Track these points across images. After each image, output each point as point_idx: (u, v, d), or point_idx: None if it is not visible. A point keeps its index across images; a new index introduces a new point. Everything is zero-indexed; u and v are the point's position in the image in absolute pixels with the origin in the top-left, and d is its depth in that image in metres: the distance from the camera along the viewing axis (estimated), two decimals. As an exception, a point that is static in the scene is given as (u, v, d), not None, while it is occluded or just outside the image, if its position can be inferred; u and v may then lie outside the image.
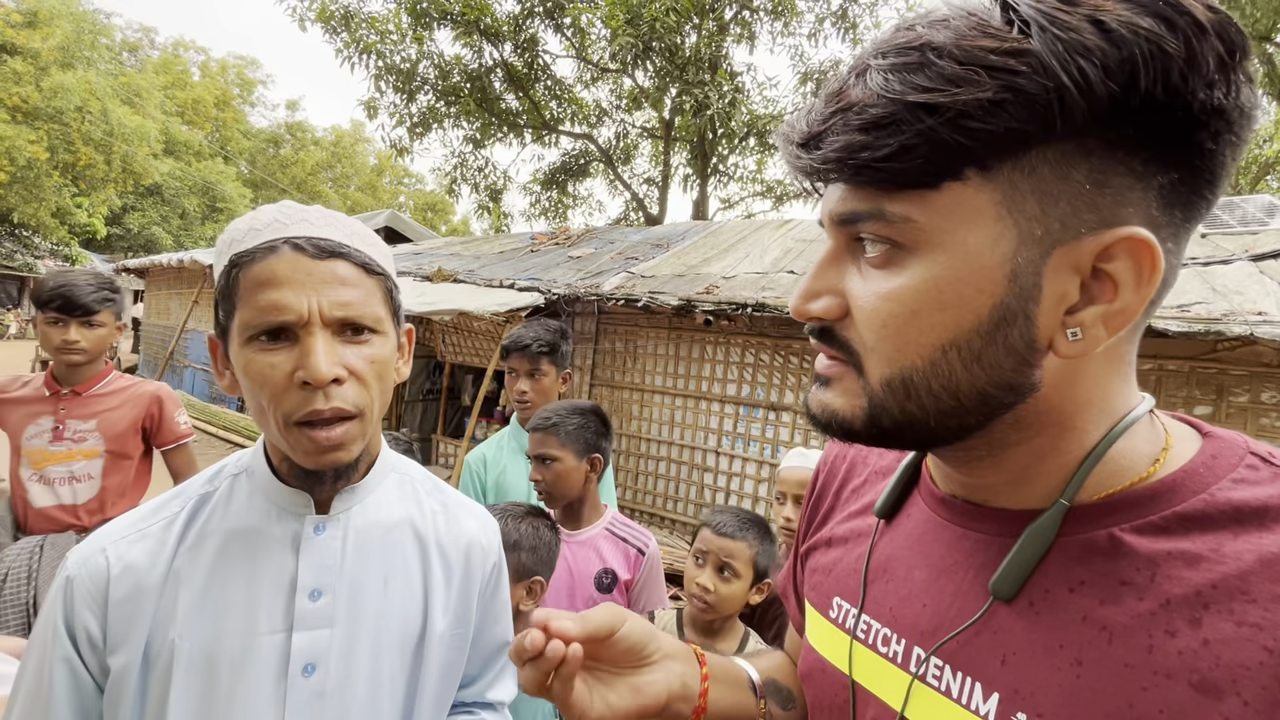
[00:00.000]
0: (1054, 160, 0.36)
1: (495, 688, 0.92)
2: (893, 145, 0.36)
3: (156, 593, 0.66)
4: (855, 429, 0.44)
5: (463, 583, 0.82)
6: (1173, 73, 0.33)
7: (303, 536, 0.71)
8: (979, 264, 0.37)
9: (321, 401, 0.64)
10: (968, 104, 0.34)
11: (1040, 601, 0.42)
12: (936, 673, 0.46)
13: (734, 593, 1.38)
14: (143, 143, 18.92)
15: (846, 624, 0.56)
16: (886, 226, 0.39)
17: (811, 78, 11.27)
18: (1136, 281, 0.36)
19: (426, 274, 6.62)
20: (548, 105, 12.12)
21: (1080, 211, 0.36)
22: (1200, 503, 0.39)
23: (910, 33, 0.38)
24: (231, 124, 30.09)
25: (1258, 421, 3.33)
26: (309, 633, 0.69)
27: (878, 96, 0.37)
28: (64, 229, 19.89)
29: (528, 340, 1.85)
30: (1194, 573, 0.37)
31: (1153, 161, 0.36)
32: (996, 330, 0.38)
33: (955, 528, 0.49)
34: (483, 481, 1.87)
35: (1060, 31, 0.33)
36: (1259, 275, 3.66)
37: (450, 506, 0.85)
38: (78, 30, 17.78)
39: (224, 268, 0.66)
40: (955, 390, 0.40)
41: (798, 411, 4.64)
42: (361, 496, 0.76)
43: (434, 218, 34.45)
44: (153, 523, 0.70)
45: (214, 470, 0.76)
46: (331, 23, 10.32)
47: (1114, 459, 0.42)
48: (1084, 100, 0.33)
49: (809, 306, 0.44)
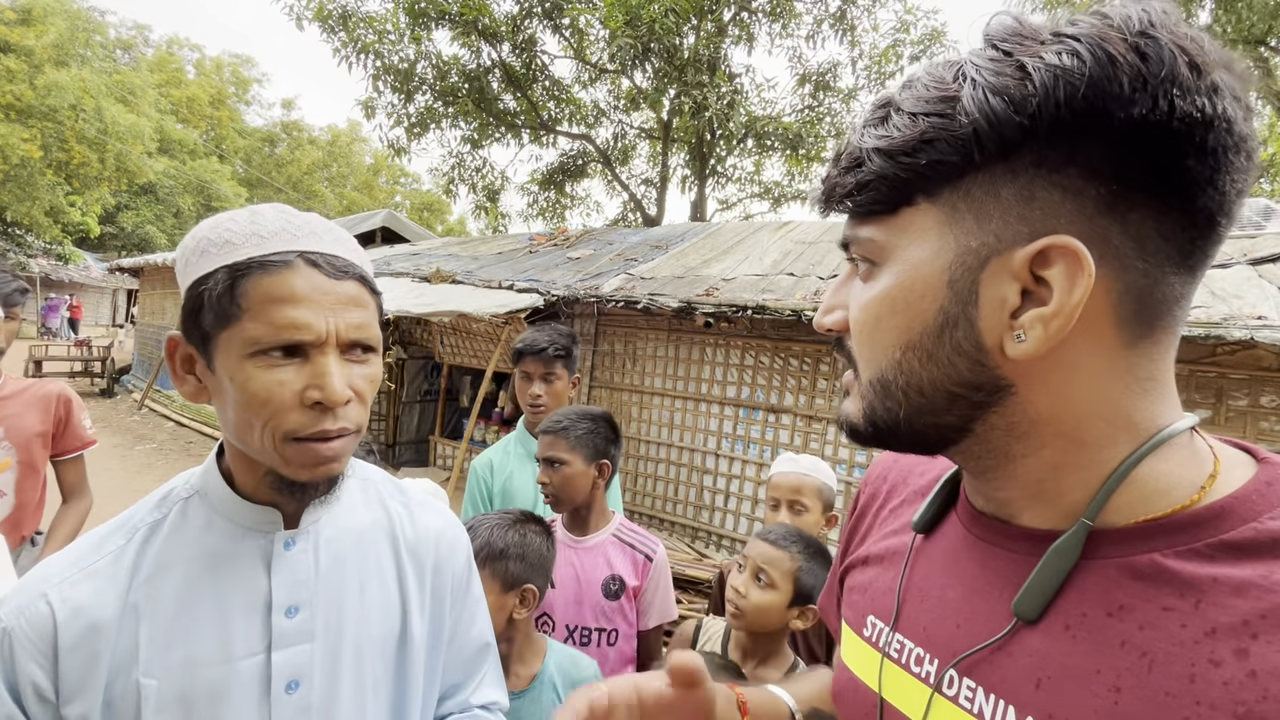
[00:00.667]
0: (985, 183, 0.41)
1: (481, 691, 0.91)
2: (854, 182, 0.45)
3: (113, 632, 0.63)
4: (860, 430, 0.50)
5: (434, 580, 0.82)
6: (1076, 98, 0.37)
7: (273, 554, 0.69)
8: (922, 274, 0.43)
9: (331, 422, 0.63)
10: (904, 143, 0.42)
11: (1077, 625, 0.42)
12: (969, 694, 0.46)
13: (767, 602, 1.30)
14: (137, 141, 18.81)
15: (880, 642, 0.56)
16: (861, 246, 0.47)
17: (810, 79, 11.29)
18: (1069, 285, 0.39)
19: (425, 275, 6.60)
20: (546, 106, 12.10)
21: (1011, 224, 0.41)
22: (1250, 530, 0.38)
23: (887, 95, 0.46)
24: (227, 123, 29.95)
25: (1257, 425, 3.34)
26: (289, 650, 0.68)
27: (852, 146, 0.46)
28: (57, 228, 19.76)
29: (544, 343, 1.83)
30: (1242, 601, 0.37)
31: (1083, 176, 0.39)
32: (942, 332, 0.43)
33: (987, 545, 0.49)
34: (489, 487, 1.86)
35: (984, 78, 0.40)
36: (1258, 279, 3.68)
37: (413, 506, 0.85)
38: (72, 28, 17.68)
39: (218, 270, 0.62)
40: (920, 387, 0.45)
41: (797, 414, 4.64)
42: (329, 506, 0.75)
43: (430, 218, 34.34)
44: (97, 559, 0.66)
45: (159, 496, 0.72)
46: (329, 22, 10.28)
47: (1148, 480, 0.42)
48: (994, 131, 0.39)
49: (824, 320, 0.52)
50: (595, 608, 1.54)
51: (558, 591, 1.54)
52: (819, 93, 11.41)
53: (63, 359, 10.90)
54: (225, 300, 0.61)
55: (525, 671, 1.29)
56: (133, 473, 6.33)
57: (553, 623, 1.54)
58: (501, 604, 1.24)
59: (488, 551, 1.26)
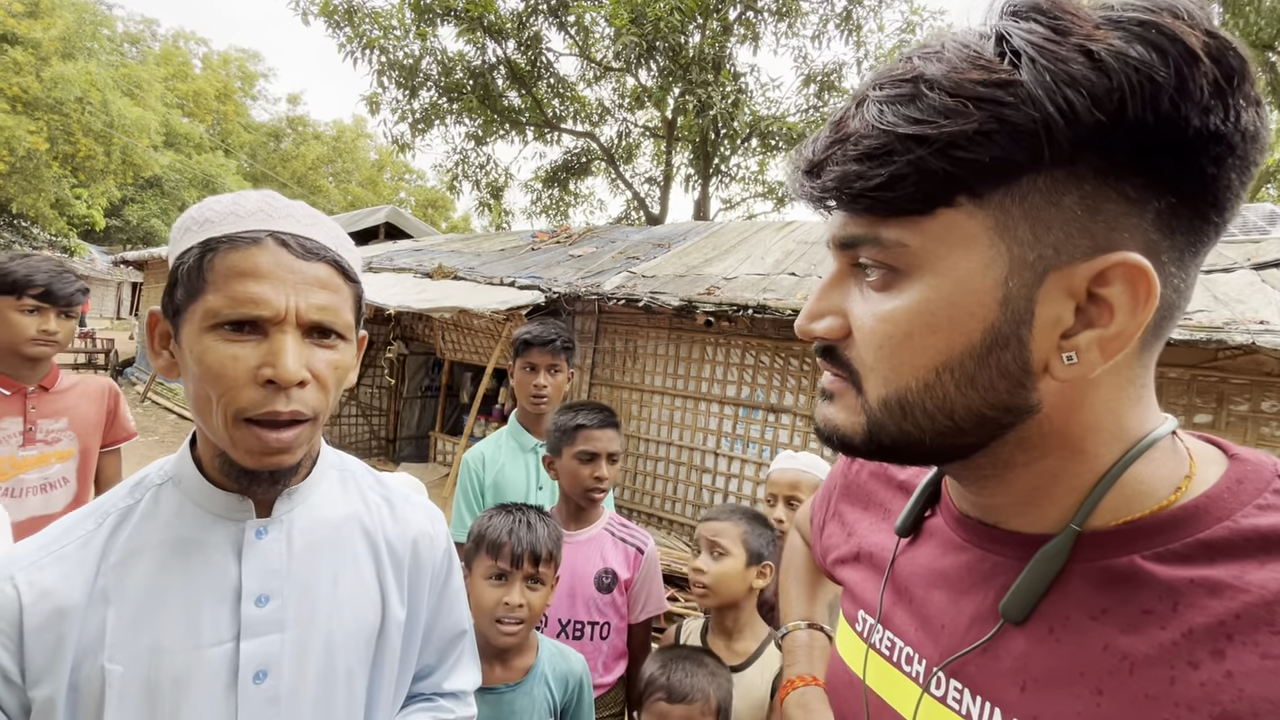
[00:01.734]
0: (1045, 187, 0.36)
1: (453, 677, 0.92)
2: (884, 175, 0.37)
3: (79, 617, 0.62)
4: (855, 444, 0.45)
5: (412, 574, 0.82)
6: (1162, 100, 0.33)
7: (244, 542, 0.69)
8: (971, 288, 0.38)
9: (283, 403, 0.62)
10: (955, 135, 0.35)
11: (1061, 629, 0.42)
12: (956, 694, 0.47)
13: (726, 570, 1.40)
14: (143, 135, 18.86)
15: (868, 636, 0.57)
16: (882, 251, 0.40)
17: (815, 79, 11.26)
18: (1132, 306, 0.36)
19: (427, 271, 6.60)
20: (550, 103, 12.10)
21: (1073, 237, 0.36)
22: (1224, 530, 0.38)
23: (906, 65, 0.39)
24: (232, 117, 30.02)
25: (1258, 430, 3.33)
26: (258, 639, 0.68)
27: (871, 128, 0.38)
28: (63, 220, 19.83)
29: (552, 335, 1.84)
30: (1217, 602, 0.37)
31: (1147, 187, 0.36)
32: (989, 353, 0.39)
33: (974, 549, 0.49)
34: (481, 480, 1.86)
35: (1049, 63, 0.34)
36: (1260, 284, 3.66)
37: (394, 500, 0.85)
38: (79, 21, 17.72)
39: (194, 247, 0.63)
40: (950, 411, 0.40)
41: (797, 413, 4.63)
42: (304, 496, 0.74)
43: (435, 214, 34.39)
44: (66, 543, 0.65)
45: (134, 481, 0.71)
46: (334, 17, 10.28)
47: (1131, 484, 0.41)
48: (1070, 130, 0.34)
49: (813, 326, 0.46)
50: (588, 601, 1.54)
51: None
52: (824, 93, 11.37)
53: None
54: (194, 273, 0.61)
55: (521, 664, 1.30)
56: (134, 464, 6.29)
57: (544, 617, 1.55)
58: (546, 599, 1.29)
59: (556, 545, 1.31)
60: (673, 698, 1.23)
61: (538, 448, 1.89)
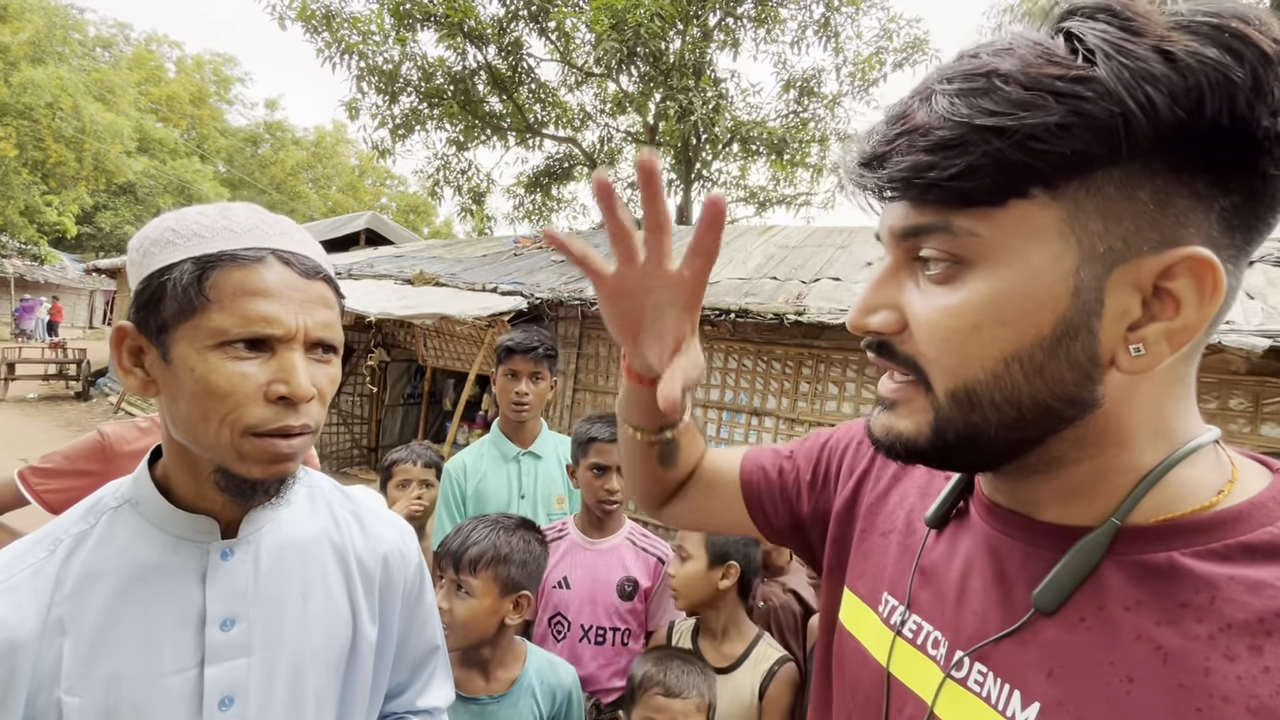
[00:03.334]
0: (1119, 181, 0.37)
1: (426, 694, 0.91)
2: (960, 165, 0.38)
3: (33, 649, 0.60)
4: (920, 447, 0.45)
5: (384, 592, 0.82)
6: (1239, 101, 0.34)
7: (209, 564, 0.67)
8: (1042, 279, 0.39)
9: (294, 418, 0.63)
10: (1034, 127, 0.36)
11: (1093, 618, 0.42)
12: (979, 677, 0.47)
13: (690, 572, 1.43)
14: (116, 140, 18.52)
15: (893, 620, 0.56)
16: (951, 240, 0.40)
17: (795, 85, 11.37)
18: (1199, 299, 0.37)
19: (408, 277, 6.55)
20: (532, 109, 12.08)
21: (1144, 230, 0.37)
22: (1267, 534, 0.39)
23: (975, 60, 0.39)
24: (208, 122, 29.59)
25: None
26: (223, 664, 0.66)
27: (944, 119, 0.38)
28: (33, 228, 19.38)
29: (534, 344, 1.84)
30: (1257, 599, 0.37)
31: (1216, 185, 0.37)
32: (1059, 344, 0.39)
33: (1006, 538, 0.49)
34: (462, 489, 1.85)
35: (1126, 59, 0.35)
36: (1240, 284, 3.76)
37: (363, 515, 0.84)
38: (49, 25, 17.39)
39: (184, 261, 0.61)
40: (1018, 402, 0.41)
41: (780, 416, 4.66)
42: (272, 515, 0.73)
43: (416, 220, 34.13)
44: (15, 572, 0.63)
45: (87, 505, 0.69)
46: (312, 22, 10.18)
47: (1174, 484, 0.42)
48: (1150, 125, 0.35)
49: (868, 320, 0.45)
50: (610, 608, 1.56)
51: (573, 592, 1.57)
52: (804, 98, 11.49)
53: (37, 361, 10.68)
54: (192, 290, 0.60)
55: (505, 675, 1.29)
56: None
57: (567, 623, 1.56)
58: (497, 608, 1.25)
59: (492, 554, 1.26)
60: (669, 693, 1.24)
61: (520, 456, 1.89)
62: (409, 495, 1.93)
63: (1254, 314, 3.35)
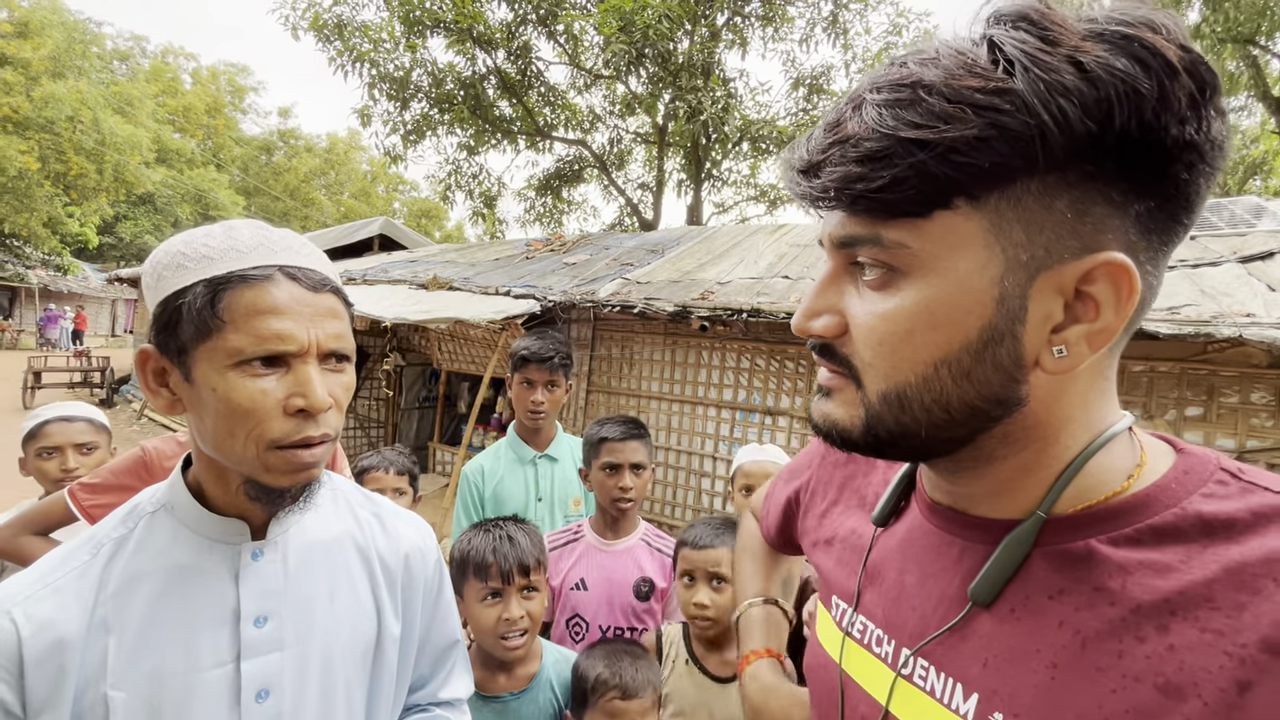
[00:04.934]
0: (1038, 191, 0.38)
1: (448, 686, 0.94)
2: (886, 177, 0.39)
3: (80, 647, 0.63)
4: (854, 438, 0.47)
5: (406, 589, 0.84)
6: (1146, 111, 0.35)
7: (241, 565, 0.71)
8: (968, 287, 0.40)
9: (314, 428, 0.66)
10: (955, 140, 0.37)
11: (1021, 608, 0.44)
12: (923, 673, 0.49)
13: (730, 598, 1.38)
14: (134, 151, 18.84)
15: (843, 622, 0.59)
16: (882, 251, 0.42)
17: (804, 83, 11.33)
18: (1116, 302, 0.39)
19: (422, 282, 6.61)
20: (541, 112, 12.13)
21: (1063, 238, 0.39)
22: (1172, 516, 0.41)
23: (903, 69, 0.40)
24: (223, 131, 29.99)
25: (1248, 422, 3.36)
26: (259, 659, 0.69)
27: (872, 130, 0.39)
28: (55, 239, 19.78)
29: (550, 352, 1.86)
30: (1163, 581, 0.39)
31: (1130, 192, 0.38)
32: (985, 349, 0.41)
33: (943, 534, 0.51)
34: (480, 492, 1.88)
35: (1042, 72, 0.36)
36: (1247, 277, 3.70)
37: (384, 515, 0.87)
38: (69, 40, 17.72)
39: (196, 284, 0.63)
40: (946, 404, 0.42)
41: (794, 416, 4.65)
42: (299, 516, 0.76)
43: (428, 224, 34.37)
44: (61, 574, 0.66)
45: (125, 511, 0.73)
46: (324, 32, 10.31)
47: (1092, 473, 0.44)
48: (1063, 137, 0.36)
49: (810, 325, 0.47)
50: (626, 608, 1.58)
51: (590, 593, 1.58)
52: (813, 96, 11.44)
53: (62, 369, 10.90)
54: (206, 313, 0.62)
55: (525, 672, 1.32)
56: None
57: (585, 624, 1.58)
58: (542, 603, 1.30)
59: (539, 550, 1.32)
60: (627, 694, 1.23)
61: (536, 459, 1.91)
62: None
63: (1275, 307, 3.30)
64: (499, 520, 1.38)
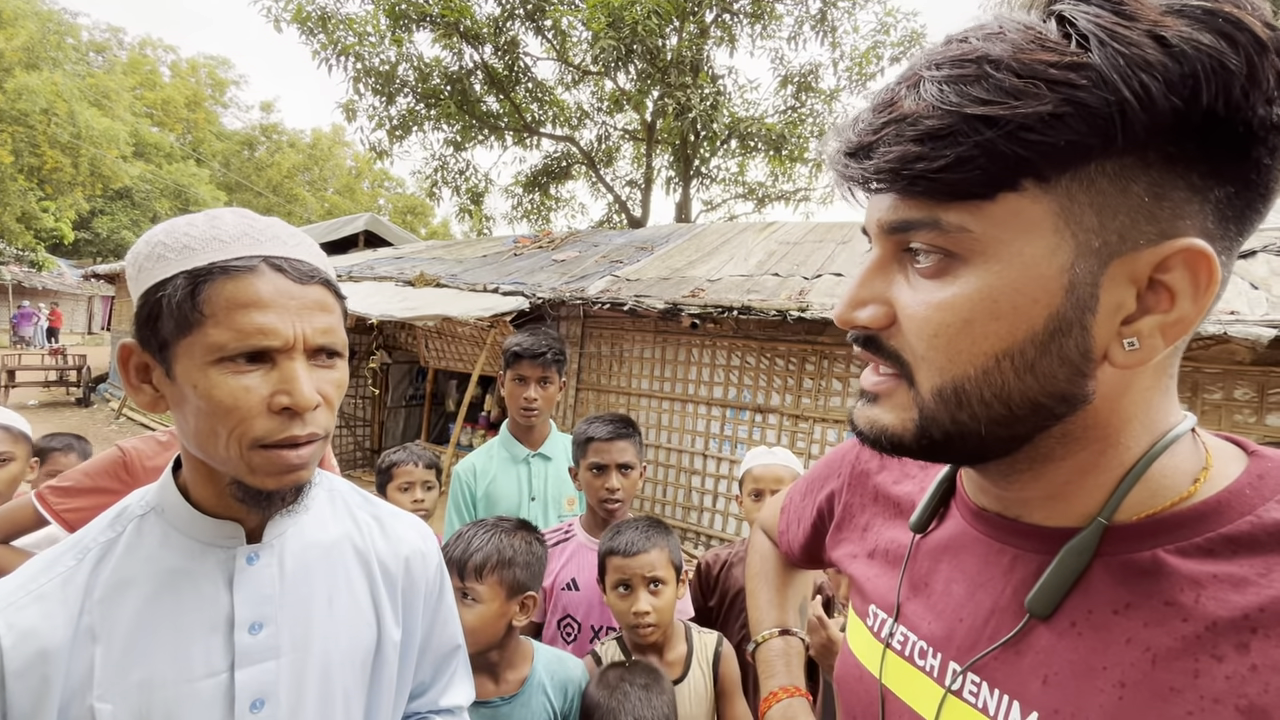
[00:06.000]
0: (1113, 173, 0.35)
1: (449, 693, 0.91)
2: (950, 156, 0.36)
3: (64, 656, 0.60)
4: (905, 442, 0.44)
5: (406, 593, 0.82)
6: (1234, 88, 0.33)
7: (235, 569, 0.67)
8: (1035, 274, 0.37)
9: (300, 427, 0.62)
10: (1027, 117, 0.34)
11: (1083, 622, 0.42)
12: (974, 688, 0.46)
13: (669, 600, 1.36)
14: (111, 145, 18.49)
15: (882, 633, 0.56)
16: (941, 236, 0.39)
17: (792, 80, 11.36)
18: (1194, 292, 0.37)
19: (409, 279, 6.54)
20: (529, 108, 12.05)
21: (1139, 223, 0.36)
22: (1246, 524, 0.39)
23: (965, 45, 0.37)
24: (204, 125, 29.54)
25: (1231, 418, 3.41)
26: (254, 667, 0.66)
27: (933, 108, 0.36)
28: (30, 234, 19.36)
29: (543, 348, 1.82)
30: (1241, 596, 0.37)
31: (1211, 175, 0.36)
32: (1051, 340, 0.38)
33: (991, 541, 0.49)
34: (473, 492, 1.84)
35: (1121, 46, 0.33)
36: (1231, 275, 3.76)
37: (384, 518, 0.84)
38: (43, 31, 17.35)
39: (176, 276, 0.60)
40: (1007, 399, 0.39)
41: (784, 413, 4.66)
42: (295, 518, 0.73)
43: (414, 221, 34.10)
44: (45, 581, 0.63)
45: (113, 514, 0.69)
46: (308, 24, 10.16)
47: (1156, 478, 0.41)
48: (1145, 114, 0.33)
49: (856, 315, 0.44)
50: None
51: (582, 594, 1.55)
52: (801, 94, 11.48)
53: (37, 368, 10.66)
54: (186, 306, 0.59)
55: (515, 676, 1.28)
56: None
57: (577, 625, 1.55)
58: (504, 611, 1.24)
59: (497, 559, 1.25)
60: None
61: (530, 458, 1.88)
62: (410, 498, 1.91)
63: (1259, 304, 3.35)
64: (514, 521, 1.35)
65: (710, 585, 1.82)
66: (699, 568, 1.86)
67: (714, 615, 1.78)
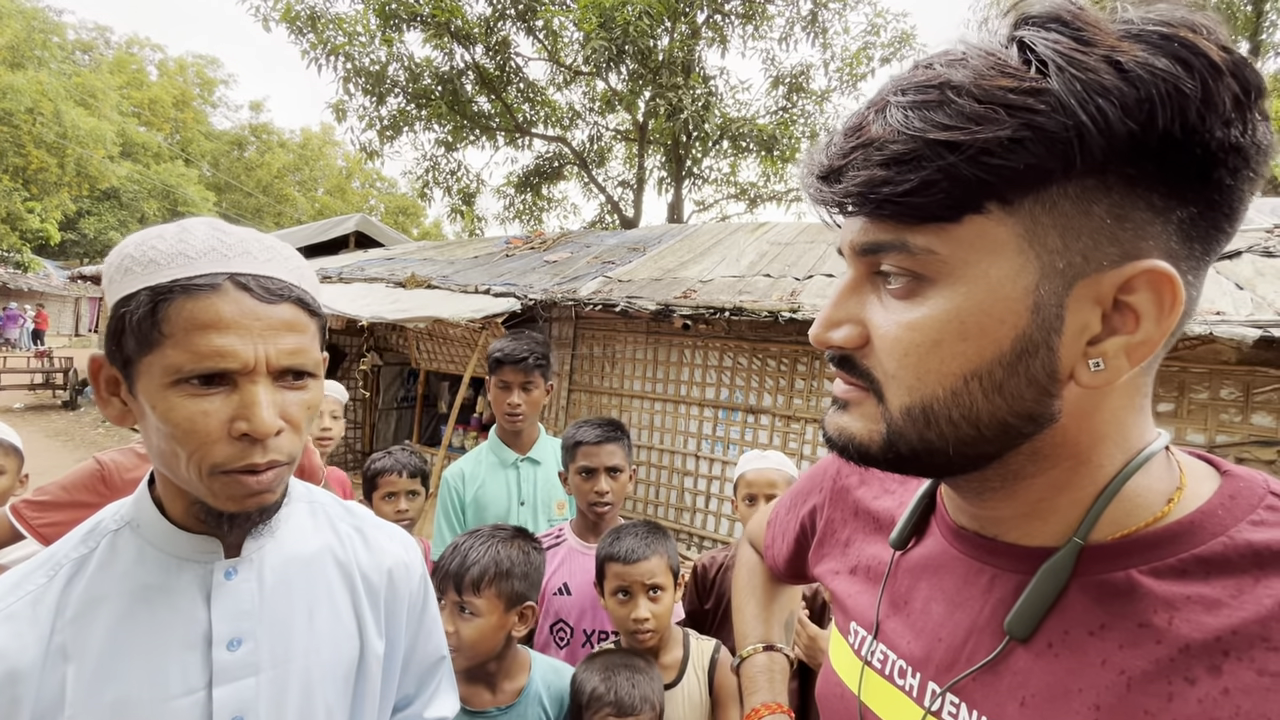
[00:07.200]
0: (1075, 195, 0.36)
1: (434, 704, 0.90)
2: (914, 180, 0.37)
3: (35, 677, 0.59)
4: (872, 453, 0.44)
5: (389, 605, 0.80)
6: (1190, 112, 0.34)
7: (213, 584, 0.66)
8: (1001, 295, 0.38)
9: (259, 454, 0.60)
10: (988, 141, 0.35)
11: (1060, 643, 0.42)
12: (952, 710, 0.46)
13: (668, 605, 1.36)
14: (98, 145, 18.30)
15: (861, 650, 0.56)
16: (909, 258, 0.40)
17: (783, 81, 11.39)
18: (1158, 313, 0.37)
19: (399, 280, 6.50)
20: (520, 108, 12.02)
21: (1102, 245, 0.37)
22: (1219, 545, 0.39)
23: (929, 71, 0.38)
24: (192, 125, 29.29)
25: (1218, 418, 3.44)
26: (232, 685, 0.65)
27: (898, 133, 0.37)
28: (15, 235, 19.12)
29: (524, 353, 1.81)
30: (1213, 618, 0.37)
31: (1172, 196, 0.36)
32: (1018, 360, 0.38)
33: (970, 560, 0.49)
34: (461, 498, 1.83)
35: (1078, 71, 0.34)
36: (1216, 276, 3.79)
37: (366, 529, 0.83)
38: (28, 29, 17.16)
39: (140, 292, 0.58)
40: (975, 419, 0.40)
41: (776, 414, 4.67)
42: (274, 532, 0.72)
43: (405, 221, 33.93)
44: (15, 599, 0.61)
45: (86, 529, 0.68)
46: (297, 23, 10.08)
47: (1129, 497, 0.42)
48: (1103, 138, 0.34)
49: (830, 336, 0.45)
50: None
51: (574, 598, 1.55)
52: (792, 95, 11.51)
53: (23, 370, 10.53)
54: (146, 324, 0.57)
55: (512, 686, 1.27)
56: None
57: (570, 629, 1.55)
58: (503, 623, 1.22)
59: (495, 571, 1.23)
60: (621, 711, 1.18)
61: (519, 462, 1.88)
62: (394, 507, 1.89)
63: (1243, 304, 3.38)
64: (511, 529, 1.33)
65: (706, 588, 1.81)
66: (695, 570, 1.85)
67: (710, 618, 1.77)
